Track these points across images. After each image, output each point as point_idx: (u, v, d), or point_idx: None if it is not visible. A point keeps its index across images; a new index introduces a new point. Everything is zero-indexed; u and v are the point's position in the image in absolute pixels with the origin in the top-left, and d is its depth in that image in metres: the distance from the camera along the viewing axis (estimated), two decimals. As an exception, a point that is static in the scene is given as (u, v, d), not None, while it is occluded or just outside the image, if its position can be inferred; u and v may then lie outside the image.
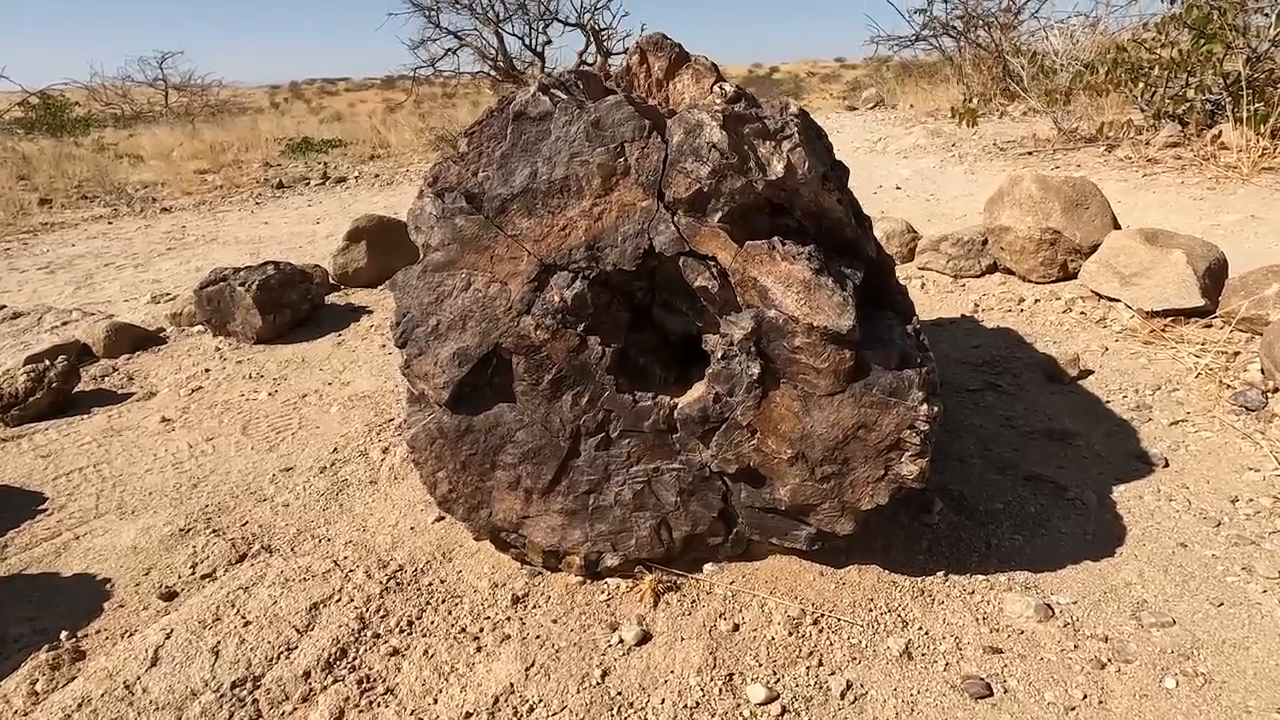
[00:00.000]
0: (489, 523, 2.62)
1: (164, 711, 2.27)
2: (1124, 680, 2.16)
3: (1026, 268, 4.86)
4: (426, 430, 2.54)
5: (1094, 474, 3.05)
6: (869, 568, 2.58)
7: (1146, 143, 8.49)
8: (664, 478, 2.49)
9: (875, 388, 2.24)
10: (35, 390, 4.19)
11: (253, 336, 4.95)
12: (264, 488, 3.47)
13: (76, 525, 3.31)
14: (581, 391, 2.44)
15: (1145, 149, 8.38)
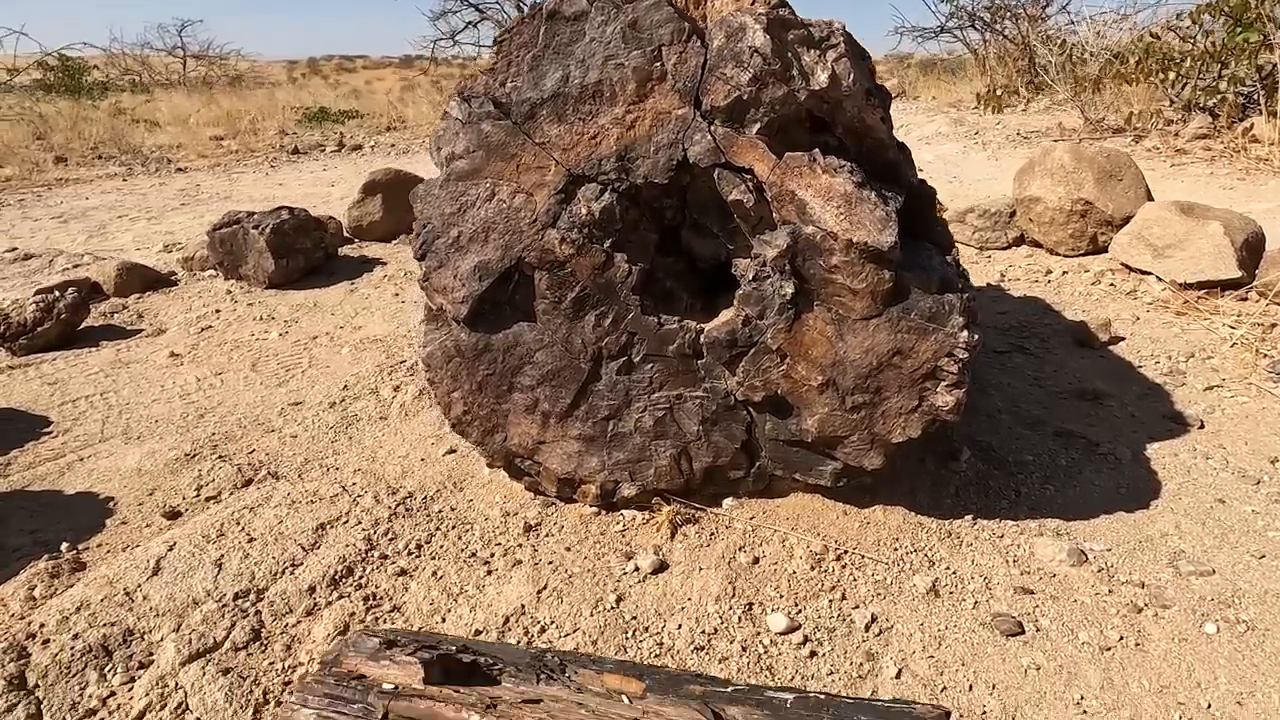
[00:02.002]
0: (503, 448, 2.54)
1: (164, 618, 2.20)
2: (1162, 625, 2.07)
3: (1055, 240, 4.75)
4: (443, 348, 2.46)
5: (1127, 432, 2.96)
6: (894, 509, 2.50)
7: (1175, 134, 8.35)
8: (686, 406, 2.40)
9: (914, 312, 2.15)
10: (44, 320, 4.13)
11: (265, 281, 4.89)
12: (272, 420, 3.40)
13: (81, 448, 3.25)
14: (605, 312, 2.35)
15: (1174, 140, 8.24)
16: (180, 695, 1.99)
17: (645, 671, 1.33)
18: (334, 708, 1.15)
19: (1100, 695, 1.87)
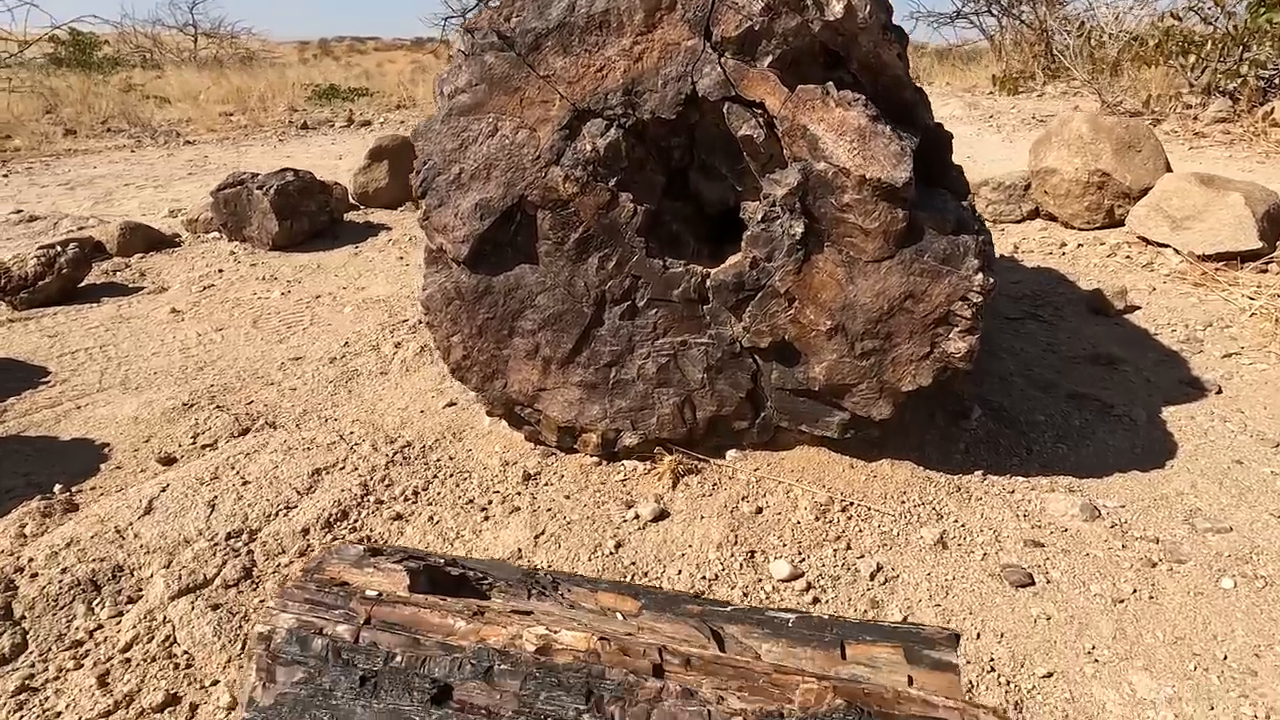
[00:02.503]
0: (503, 394, 2.49)
1: (154, 555, 2.17)
2: (1177, 579, 2.00)
3: (1070, 212, 4.66)
4: (443, 290, 2.41)
5: (1142, 395, 2.88)
6: (902, 463, 2.44)
7: (1194, 118, 8.22)
8: (691, 352, 2.35)
9: (927, 254, 2.09)
10: (45, 275, 4.10)
11: (268, 243, 4.84)
12: (271, 373, 3.36)
13: (78, 397, 3.21)
14: (609, 254, 2.29)
15: (1192, 124, 8.10)
16: (168, 628, 1.95)
17: (640, 591, 1.28)
18: (314, 613, 1.10)
19: (1112, 645, 1.81)
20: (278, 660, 1.07)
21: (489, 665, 1.03)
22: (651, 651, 1.05)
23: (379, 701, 1.02)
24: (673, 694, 0.99)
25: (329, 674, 1.04)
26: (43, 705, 1.74)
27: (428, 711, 1.00)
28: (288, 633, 1.09)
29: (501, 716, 0.99)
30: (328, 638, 1.08)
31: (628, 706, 0.98)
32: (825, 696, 0.97)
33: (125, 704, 1.75)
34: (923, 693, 0.98)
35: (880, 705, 0.96)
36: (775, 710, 0.96)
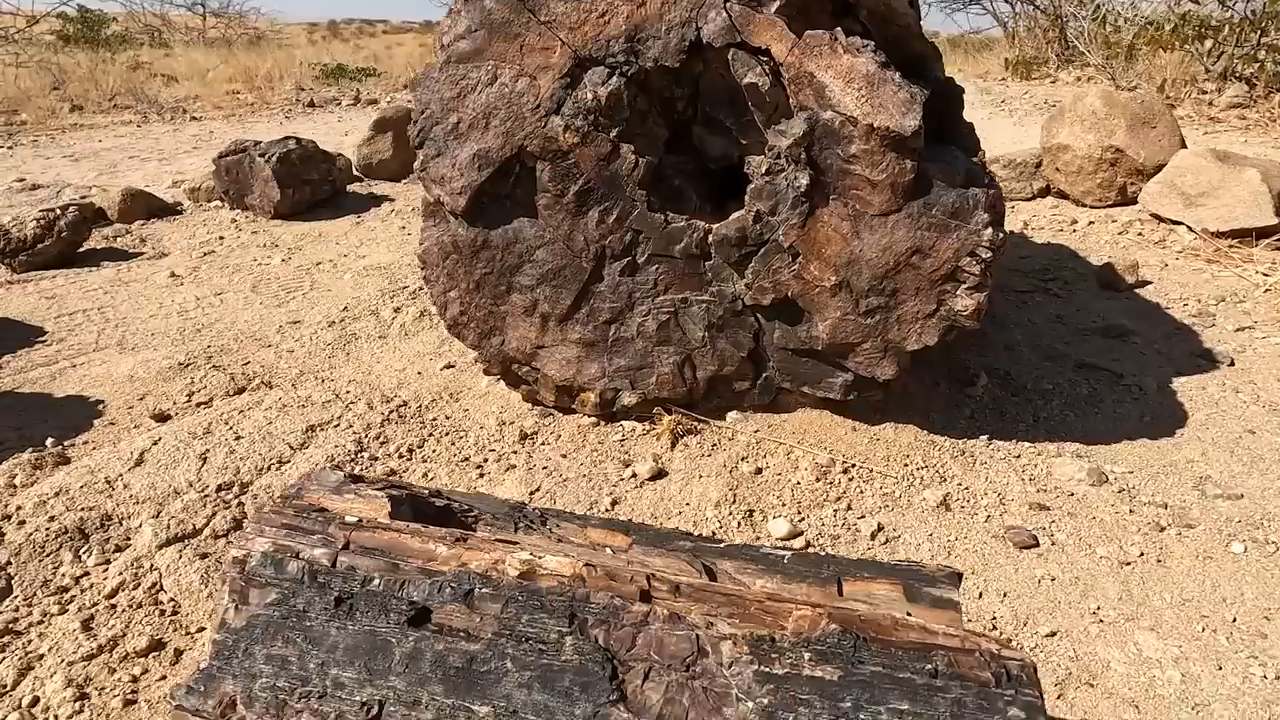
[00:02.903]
0: (501, 352, 2.45)
1: (143, 505, 2.14)
2: (1185, 543, 1.96)
3: (1082, 190, 4.59)
4: (439, 244, 2.36)
5: (1153, 366, 2.83)
6: (905, 427, 2.39)
7: (1210, 103, 8.09)
8: (692, 310, 2.30)
9: (935, 207, 2.03)
10: (44, 238, 4.07)
11: (270, 211, 4.80)
12: (269, 336, 3.32)
13: (74, 356, 3.19)
14: (610, 207, 2.24)
15: (1208, 109, 7.98)
16: (155, 575, 1.92)
17: (632, 528, 1.23)
18: (291, 537, 1.06)
19: (1118, 606, 1.77)
20: (252, 583, 1.03)
21: (469, 588, 0.99)
22: (639, 578, 1.01)
23: (354, 623, 0.98)
24: (660, 618, 0.95)
25: (303, 595, 1.00)
26: (25, 648, 1.72)
27: (405, 633, 0.96)
28: (263, 555, 1.05)
29: (481, 639, 0.95)
30: (304, 561, 1.04)
31: (613, 630, 0.94)
32: (819, 622, 0.92)
33: (109, 648, 1.72)
34: (922, 621, 0.93)
35: (877, 632, 0.91)
36: (767, 635, 0.92)
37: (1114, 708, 1.52)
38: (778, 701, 0.87)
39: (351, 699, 0.94)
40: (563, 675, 0.92)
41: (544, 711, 0.90)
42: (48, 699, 1.60)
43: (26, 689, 1.63)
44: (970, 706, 0.84)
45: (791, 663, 0.89)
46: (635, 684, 0.91)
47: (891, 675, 0.87)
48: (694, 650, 0.92)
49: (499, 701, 0.92)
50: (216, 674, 0.98)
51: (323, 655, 0.97)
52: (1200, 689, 1.55)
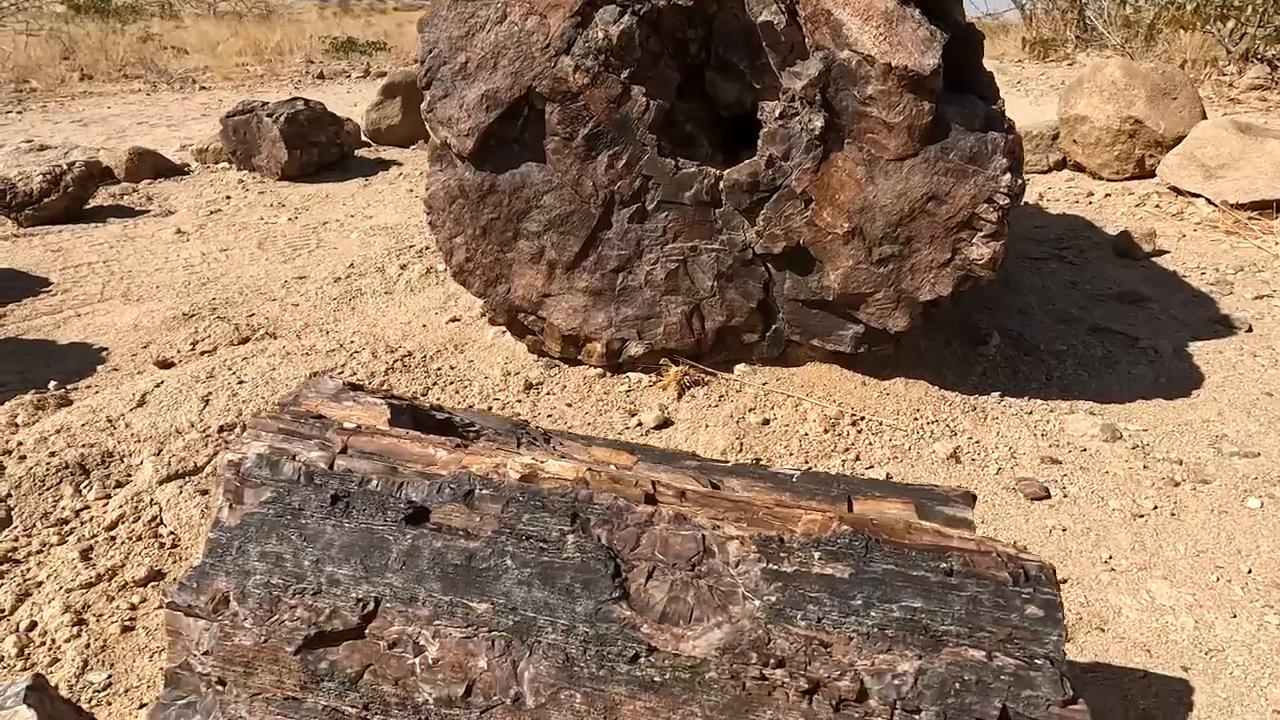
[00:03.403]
0: (506, 300, 2.42)
1: (144, 443, 2.12)
2: (1200, 498, 1.92)
3: (1099, 162, 4.51)
4: (446, 188, 2.33)
5: (1169, 330, 2.78)
6: (916, 382, 2.35)
7: (1230, 84, 7.96)
8: (701, 259, 2.26)
9: (953, 152, 1.98)
10: (50, 192, 4.04)
11: (277, 172, 4.77)
12: (275, 290, 3.30)
13: (79, 306, 3.17)
14: (619, 152, 2.20)
15: (1228, 90, 7.86)
16: (155, 510, 1.90)
17: (637, 449, 1.20)
18: (288, 442, 1.04)
19: (1130, 556, 1.73)
20: (247, 483, 1.01)
21: (469, 489, 0.96)
22: (644, 483, 0.98)
23: (350, 521, 0.95)
24: (664, 519, 0.92)
25: (299, 494, 0.98)
26: (24, 575, 1.70)
27: (402, 531, 0.94)
28: (258, 457, 1.02)
29: (480, 537, 0.92)
30: (300, 463, 1.01)
31: (616, 530, 0.91)
32: (830, 525, 0.89)
33: (108, 577, 1.71)
34: (937, 526, 0.90)
35: (890, 535, 0.88)
36: (775, 536, 0.89)
37: (1125, 651, 1.49)
38: (785, 599, 0.84)
39: (347, 595, 0.92)
40: (564, 573, 0.89)
41: (544, 608, 0.88)
42: (45, 624, 1.59)
43: (24, 614, 1.61)
44: (986, 604, 0.81)
45: (801, 561, 0.86)
46: (639, 583, 0.88)
47: (904, 573, 0.84)
48: (700, 550, 0.89)
49: (498, 598, 0.89)
50: (209, 571, 0.96)
51: (318, 553, 0.94)
52: (1214, 635, 1.52)
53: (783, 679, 0.80)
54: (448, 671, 0.87)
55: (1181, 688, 1.41)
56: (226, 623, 0.93)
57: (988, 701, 0.76)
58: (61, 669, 1.50)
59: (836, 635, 0.81)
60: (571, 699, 0.83)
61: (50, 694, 1.29)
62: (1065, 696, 0.75)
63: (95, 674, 1.49)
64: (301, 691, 0.89)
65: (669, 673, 0.83)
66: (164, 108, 8.79)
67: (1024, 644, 0.79)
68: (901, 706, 0.78)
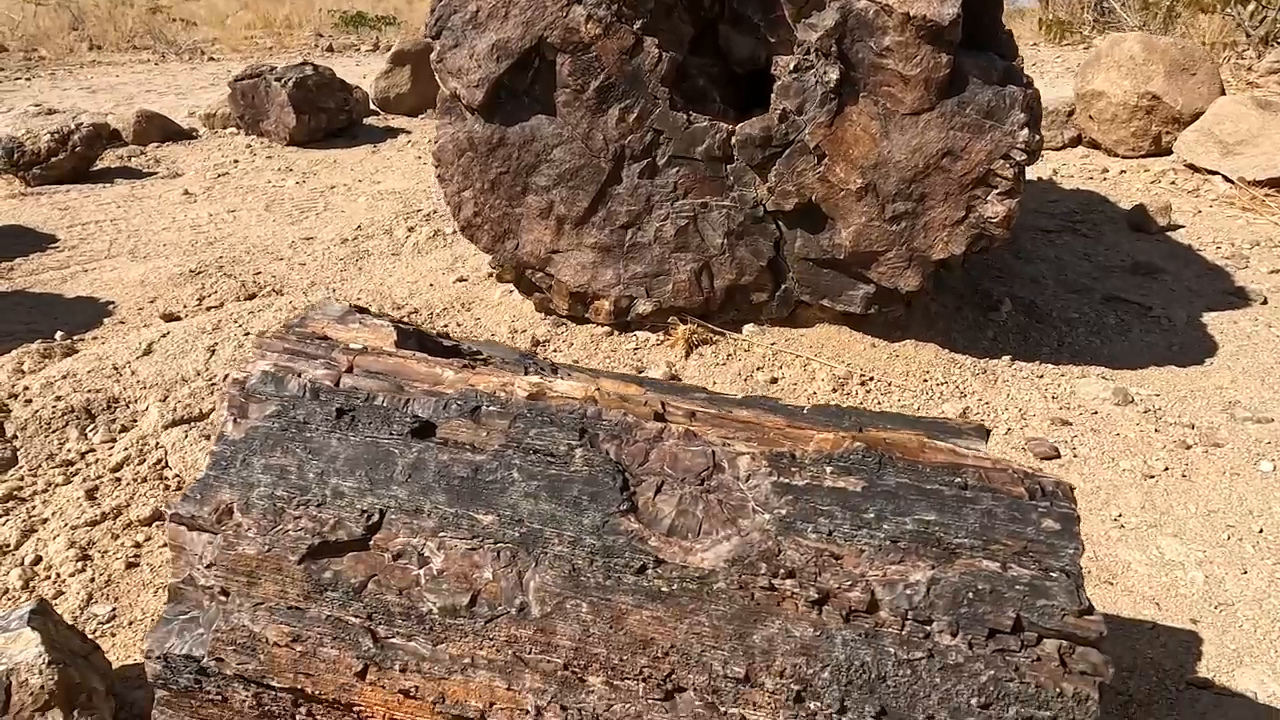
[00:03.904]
0: (514, 257, 2.40)
1: (150, 390, 2.11)
2: (1212, 460, 1.90)
3: (1115, 139, 4.45)
4: (455, 141, 2.30)
5: (1183, 301, 2.75)
6: (926, 345, 2.33)
7: (1249, 68, 7.86)
8: (712, 215, 2.24)
9: (970, 106, 1.95)
10: (58, 151, 4.03)
11: (286, 137, 4.74)
12: (282, 250, 3.29)
13: (86, 262, 3.16)
14: (631, 105, 2.17)
15: (1246, 74, 7.75)
16: (160, 453, 1.90)
17: (645, 382, 1.19)
18: (294, 361, 1.03)
19: (1140, 514, 1.72)
20: (251, 399, 0.99)
21: (476, 405, 0.95)
22: (654, 403, 0.97)
23: (355, 434, 0.94)
24: (674, 435, 0.91)
25: (304, 408, 0.97)
26: (29, 512, 1.70)
27: (408, 444, 0.93)
28: (263, 374, 1.01)
29: (486, 451, 0.91)
30: (306, 380, 1.00)
31: (625, 445, 0.90)
32: (843, 443, 0.88)
33: (113, 516, 1.71)
34: (952, 446, 0.89)
35: (904, 453, 0.87)
36: (787, 452, 0.87)
37: (1133, 604, 1.48)
38: (796, 512, 0.83)
39: (351, 507, 0.91)
40: (571, 485, 0.88)
41: (550, 521, 0.87)
42: (50, 559, 1.59)
43: (29, 549, 1.61)
44: (1001, 518, 0.79)
45: (812, 475, 0.85)
46: (647, 496, 0.87)
47: (918, 487, 0.83)
48: (709, 465, 0.87)
49: (504, 510, 0.88)
50: (213, 483, 0.95)
51: (322, 465, 0.93)
52: (1224, 590, 1.51)
53: (792, 589, 0.79)
54: (452, 582, 0.86)
55: (1190, 639, 1.40)
56: (230, 533, 0.92)
57: (1001, 611, 0.75)
58: (66, 601, 1.50)
59: (848, 547, 0.80)
60: (578, 608, 0.82)
61: (54, 619, 1.29)
62: (1081, 607, 0.74)
63: (99, 607, 1.50)
64: (305, 601, 0.89)
65: (676, 584, 0.81)
66: (172, 77, 8.76)
67: (1039, 557, 0.77)
68: (913, 616, 0.77)
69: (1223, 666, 1.34)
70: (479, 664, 0.84)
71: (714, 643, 0.79)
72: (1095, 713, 0.72)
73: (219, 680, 0.93)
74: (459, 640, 0.85)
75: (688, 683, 0.80)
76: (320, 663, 0.87)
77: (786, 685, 0.77)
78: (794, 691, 0.77)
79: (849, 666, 0.76)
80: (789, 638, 0.78)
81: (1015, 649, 0.74)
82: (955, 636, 0.76)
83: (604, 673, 0.81)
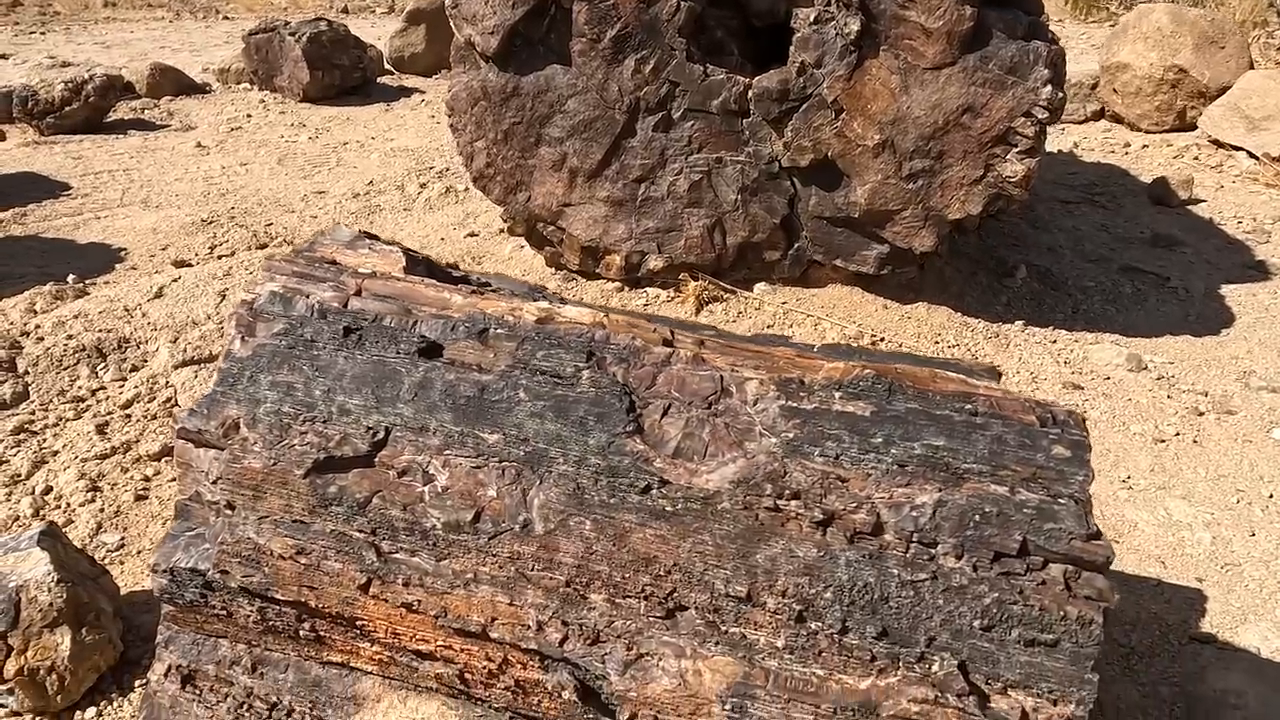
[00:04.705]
0: (526, 209, 2.38)
1: (160, 332, 2.12)
2: (1224, 427, 1.88)
3: (1139, 112, 4.38)
4: (469, 89, 2.28)
5: (1201, 273, 2.71)
6: (939, 308, 2.31)
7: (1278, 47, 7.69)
8: (726, 171, 2.21)
9: (993, 61, 1.92)
10: (71, 101, 4.02)
11: (299, 93, 4.72)
12: (294, 203, 3.28)
13: (98, 209, 3.17)
14: (647, 56, 2.14)
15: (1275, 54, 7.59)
16: (170, 391, 1.91)
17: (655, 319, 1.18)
18: (302, 283, 1.02)
19: (1149, 477, 1.71)
20: (259, 319, 0.99)
21: (484, 328, 0.95)
22: (663, 330, 0.96)
23: (362, 353, 0.94)
24: (682, 359, 0.90)
25: (311, 326, 0.96)
26: (40, 445, 1.72)
27: (415, 364, 0.92)
28: (271, 294, 1.01)
29: (493, 372, 0.91)
30: (314, 301, 1.00)
31: (632, 368, 0.90)
32: (853, 370, 0.87)
33: (123, 450, 1.72)
34: (962, 377, 0.88)
35: (915, 382, 0.86)
36: (796, 378, 0.87)
37: (1139, 562, 1.47)
38: (803, 435, 0.82)
39: (357, 424, 0.91)
40: (577, 406, 0.88)
41: (556, 440, 0.86)
42: (60, 489, 1.60)
43: (40, 479, 1.63)
44: (1011, 444, 0.79)
45: (820, 400, 0.84)
46: (653, 419, 0.86)
47: (928, 413, 0.82)
48: (717, 389, 0.87)
49: (509, 430, 0.88)
50: (220, 399, 0.95)
51: (329, 383, 0.93)
52: (1231, 551, 1.50)
53: (797, 510, 0.79)
54: (456, 499, 0.86)
55: (1195, 596, 1.39)
56: (237, 448, 0.92)
57: (1008, 534, 0.74)
58: (75, 530, 1.51)
59: (854, 471, 0.80)
60: (581, 526, 0.82)
61: (63, 541, 1.31)
62: (1088, 531, 0.73)
63: (108, 535, 1.51)
64: (309, 515, 0.89)
65: (680, 503, 0.81)
66: (186, 34, 8.70)
67: (1048, 483, 0.76)
68: (918, 539, 0.76)
69: (1226, 623, 1.34)
70: (481, 579, 0.84)
71: (716, 562, 0.79)
72: (1099, 637, 0.71)
73: (224, 594, 0.94)
74: (462, 556, 0.85)
75: (689, 601, 0.80)
76: (324, 576, 0.88)
77: (788, 605, 0.77)
78: (796, 611, 0.77)
79: (852, 587, 0.76)
80: (792, 558, 0.78)
81: (1020, 572, 0.74)
82: (960, 559, 0.75)
83: (606, 590, 0.81)
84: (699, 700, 0.77)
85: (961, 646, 0.74)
